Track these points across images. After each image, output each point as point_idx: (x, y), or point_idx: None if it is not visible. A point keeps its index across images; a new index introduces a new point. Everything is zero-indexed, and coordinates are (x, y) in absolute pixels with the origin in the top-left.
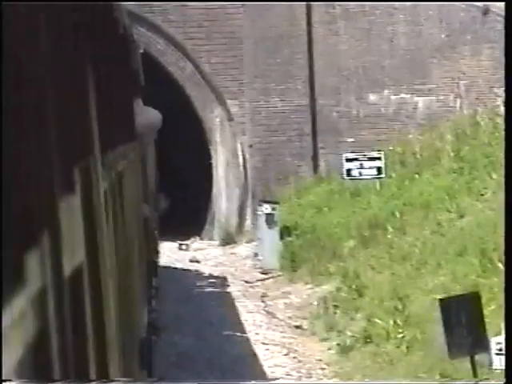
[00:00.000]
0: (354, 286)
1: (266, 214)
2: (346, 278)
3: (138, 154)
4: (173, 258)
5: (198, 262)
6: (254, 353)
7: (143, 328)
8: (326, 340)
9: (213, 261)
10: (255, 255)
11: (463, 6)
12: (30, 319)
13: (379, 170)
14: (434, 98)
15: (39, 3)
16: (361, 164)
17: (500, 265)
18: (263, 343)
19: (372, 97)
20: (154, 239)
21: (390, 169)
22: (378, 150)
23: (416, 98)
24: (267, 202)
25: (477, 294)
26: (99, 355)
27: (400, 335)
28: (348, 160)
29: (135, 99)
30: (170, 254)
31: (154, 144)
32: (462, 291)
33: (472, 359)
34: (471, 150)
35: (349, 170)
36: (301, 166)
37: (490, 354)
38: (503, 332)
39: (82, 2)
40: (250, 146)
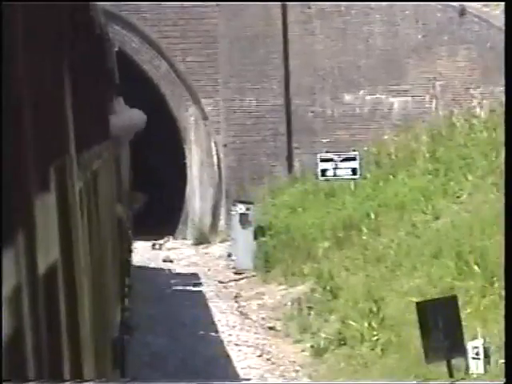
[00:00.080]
0: (328, 287)
1: (240, 214)
2: (320, 280)
3: (113, 154)
4: (146, 257)
5: (171, 261)
6: (227, 354)
7: (116, 327)
8: (299, 342)
9: (186, 260)
10: (229, 255)
11: (440, 6)
12: (5, 317)
13: (354, 171)
14: (409, 98)
15: (15, 3)
16: (335, 164)
17: (476, 268)
18: (236, 344)
19: (347, 97)
20: (128, 238)
21: (364, 169)
22: (353, 150)
23: (391, 99)
24: (241, 202)
25: (454, 298)
26: (73, 354)
27: (375, 338)
28: (323, 160)
29: (116, 98)
30: (143, 253)
31: (129, 143)
32: (437, 294)
33: (449, 363)
34: (447, 152)
35: (323, 171)
36: (275, 166)
37: (466, 359)
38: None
39: (59, 2)
40: (225, 145)
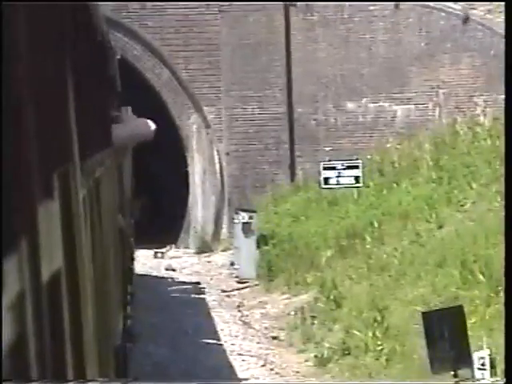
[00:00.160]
0: (331, 296)
1: (243, 223)
2: (323, 289)
3: (115, 161)
4: (148, 266)
5: (173, 270)
6: (230, 364)
7: (118, 335)
8: (303, 351)
9: (188, 269)
10: (232, 264)
11: (443, 14)
12: (8, 324)
13: (357, 179)
14: (412, 106)
15: (18, 3)
16: (338, 173)
17: (481, 277)
18: (239, 354)
19: (350, 105)
20: (130, 246)
21: (367, 178)
22: (356, 158)
23: (394, 107)
24: (244, 211)
25: (460, 308)
26: (76, 361)
27: (379, 347)
28: (325, 168)
29: (123, 107)
30: (145, 261)
31: (131, 151)
32: (442, 303)
33: (455, 374)
34: (450, 160)
35: (326, 179)
36: (278, 174)
37: (472, 369)
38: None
39: (62, 8)
40: (227, 153)
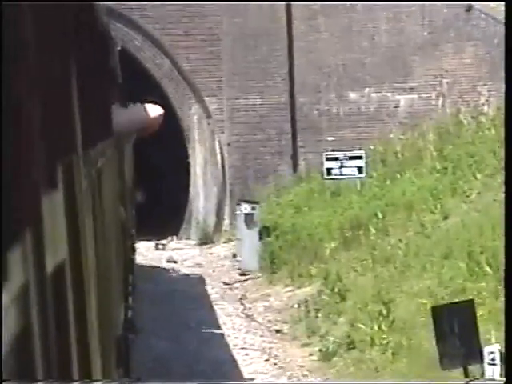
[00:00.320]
0: (336, 288)
1: (245, 214)
2: (327, 281)
3: (116, 151)
4: (149, 257)
5: (174, 262)
6: (233, 358)
7: (120, 325)
8: (307, 345)
9: (190, 261)
10: (234, 256)
11: (446, 3)
12: (13, 316)
13: (360, 170)
14: (415, 96)
15: (26, 2)
16: (341, 163)
17: (488, 268)
18: (243, 348)
19: (353, 95)
20: (131, 236)
21: (371, 168)
22: (359, 148)
23: (398, 97)
24: (246, 202)
25: (471, 303)
26: (82, 352)
27: (385, 341)
28: (328, 159)
29: (121, 96)
30: (146, 253)
31: (132, 141)
32: (448, 295)
33: (465, 370)
34: (454, 149)
35: (329, 169)
36: (280, 165)
37: (482, 365)
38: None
39: (64, 2)
40: (229, 144)
